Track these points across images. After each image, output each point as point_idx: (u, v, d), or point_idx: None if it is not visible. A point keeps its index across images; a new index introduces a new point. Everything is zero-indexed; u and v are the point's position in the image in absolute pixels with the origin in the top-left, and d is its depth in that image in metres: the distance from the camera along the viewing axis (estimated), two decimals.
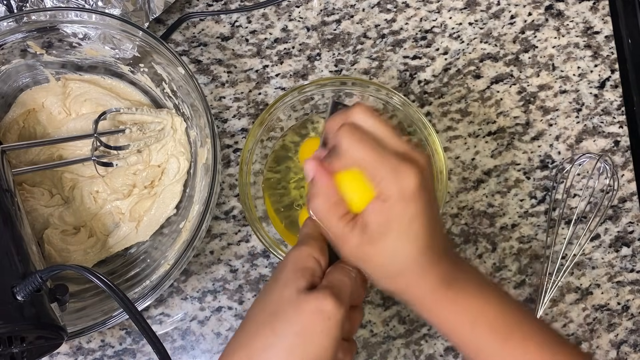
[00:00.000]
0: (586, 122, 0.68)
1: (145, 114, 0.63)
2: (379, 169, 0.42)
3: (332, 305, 0.41)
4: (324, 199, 0.45)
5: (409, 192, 0.42)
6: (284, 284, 0.44)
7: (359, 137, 0.43)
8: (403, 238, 0.43)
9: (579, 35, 0.70)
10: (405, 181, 0.42)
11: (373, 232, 0.43)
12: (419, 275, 0.44)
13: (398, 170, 0.42)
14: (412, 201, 0.42)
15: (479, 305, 0.45)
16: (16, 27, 0.59)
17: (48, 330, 0.46)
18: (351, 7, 0.70)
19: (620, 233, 0.66)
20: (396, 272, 0.45)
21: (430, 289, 0.44)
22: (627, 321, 0.64)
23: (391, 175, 0.42)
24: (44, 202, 0.62)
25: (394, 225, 0.43)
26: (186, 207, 0.62)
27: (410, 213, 0.42)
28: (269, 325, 0.42)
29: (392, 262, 0.44)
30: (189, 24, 0.69)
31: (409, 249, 0.43)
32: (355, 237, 0.44)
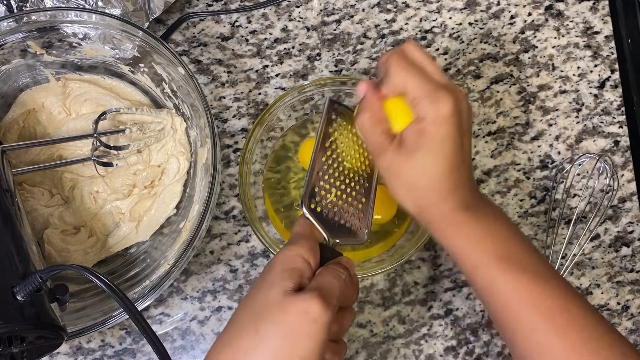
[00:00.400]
0: (586, 122, 0.68)
1: (145, 114, 0.63)
2: (419, 93, 0.46)
3: (318, 307, 0.41)
4: (370, 113, 0.49)
5: (443, 114, 0.46)
6: (271, 284, 0.44)
7: (405, 64, 0.48)
8: (433, 156, 0.46)
9: (579, 35, 0.70)
10: (440, 104, 0.46)
11: (408, 147, 0.47)
12: (442, 196, 0.48)
13: (436, 95, 0.46)
14: (445, 123, 0.46)
15: (489, 230, 0.48)
16: (16, 27, 0.59)
17: (48, 330, 0.46)
18: (351, 7, 0.70)
19: (620, 233, 0.66)
20: (422, 187, 0.48)
21: (450, 209, 0.48)
22: (627, 321, 0.64)
23: (429, 99, 0.46)
24: (44, 202, 0.62)
25: (426, 143, 0.46)
26: (186, 207, 0.62)
27: (442, 134, 0.46)
28: (253, 325, 0.42)
29: (420, 176, 0.47)
30: (189, 24, 0.69)
31: (436, 168, 0.47)
32: (391, 151, 0.48)
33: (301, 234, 0.48)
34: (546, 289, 0.46)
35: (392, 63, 0.48)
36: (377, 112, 0.49)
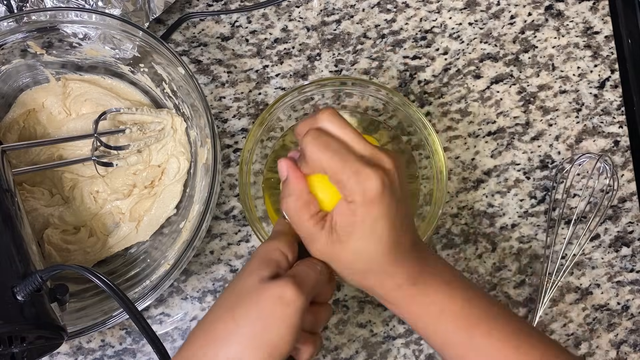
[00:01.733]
0: (586, 122, 0.68)
1: (145, 114, 0.63)
2: (342, 174, 0.44)
3: (292, 292, 0.42)
4: (295, 198, 0.47)
5: (371, 195, 0.43)
6: (249, 273, 0.45)
7: (323, 142, 0.45)
8: (367, 239, 0.44)
9: (579, 35, 0.70)
10: (367, 184, 0.43)
11: (339, 232, 0.45)
12: (385, 274, 0.46)
13: (360, 174, 0.43)
14: (375, 204, 0.44)
15: (444, 299, 0.46)
16: (16, 27, 0.59)
17: (48, 330, 0.46)
18: (351, 7, 0.70)
19: (620, 233, 0.66)
20: (362, 270, 0.46)
21: (396, 286, 0.46)
22: (627, 321, 0.64)
23: (354, 179, 0.44)
24: (44, 202, 0.62)
25: (358, 227, 0.44)
26: (186, 207, 0.62)
27: (374, 215, 0.44)
28: (230, 312, 0.43)
29: (357, 260, 0.46)
30: (189, 24, 0.69)
31: (373, 249, 0.45)
32: (323, 237, 0.46)
33: (281, 231, 0.49)
34: (522, 350, 0.46)
35: (308, 141, 0.45)
36: (302, 196, 0.47)
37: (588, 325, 0.64)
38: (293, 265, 0.47)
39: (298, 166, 0.48)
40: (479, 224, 0.66)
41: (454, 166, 0.67)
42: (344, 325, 0.63)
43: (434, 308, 0.46)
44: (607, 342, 0.64)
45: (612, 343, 0.64)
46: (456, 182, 0.66)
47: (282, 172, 0.48)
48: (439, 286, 0.47)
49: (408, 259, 0.46)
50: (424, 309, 0.47)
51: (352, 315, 0.63)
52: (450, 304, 0.46)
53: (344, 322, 0.63)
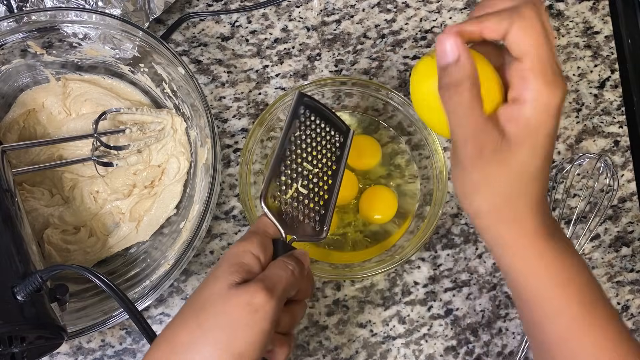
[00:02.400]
0: (586, 122, 0.68)
1: (145, 114, 0.63)
2: (540, 67, 0.38)
3: (261, 297, 0.41)
4: (469, 86, 0.39)
5: (555, 104, 0.38)
6: (216, 278, 0.44)
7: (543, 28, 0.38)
8: (535, 153, 0.39)
9: (579, 35, 0.70)
10: (556, 91, 0.38)
11: (510, 137, 0.39)
12: (528, 207, 0.40)
13: (554, 78, 0.38)
14: (554, 116, 0.38)
15: (575, 268, 0.41)
16: (16, 27, 0.59)
17: (48, 330, 0.46)
18: (351, 7, 0.70)
19: (620, 233, 0.66)
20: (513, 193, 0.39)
21: (533, 230, 0.40)
22: (627, 321, 0.64)
23: (545, 80, 0.38)
24: (44, 202, 0.62)
25: (531, 135, 0.38)
26: (186, 207, 0.62)
27: (549, 128, 0.38)
28: (195, 319, 0.42)
29: (516, 179, 0.39)
30: (189, 24, 0.69)
31: (535, 169, 0.39)
32: (494, 138, 0.39)
33: (254, 231, 0.48)
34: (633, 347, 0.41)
35: (537, 13, 0.38)
36: (477, 82, 0.39)
37: None
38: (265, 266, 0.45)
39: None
40: None
41: None
42: (344, 325, 0.63)
43: (565, 274, 0.41)
44: None
45: None
46: None
47: (449, 52, 0.39)
48: (571, 252, 0.42)
49: (544, 208, 0.41)
50: (554, 270, 0.41)
51: (352, 315, 0.63)
52: (579, 275, 0.41)
53: (344, 322, 0.63)
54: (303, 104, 0.55)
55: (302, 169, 0.53)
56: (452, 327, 0.63)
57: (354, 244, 0.63)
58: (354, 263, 0.61)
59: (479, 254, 0.65)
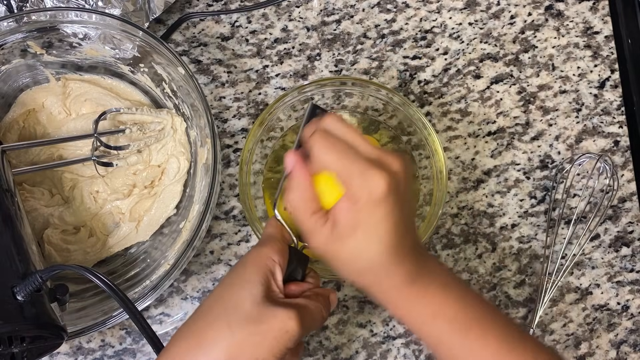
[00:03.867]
0: (586, 122, 0.68)
1: (145, 114, 0.63)
2: (349, 173, 0.44)
3: (294, 325, 0.44)
4: (299, 193, 0.47)
5: (377, 196, 0.43)
6: (244, 282, 0.45)
7: (330, 143, 0.45)
8: (369, 239, 0.44)
9: (579, 35, 0.70)
10: (373, 185, 0.43)
11: (341, 230, 0.45)
12: (384, 274, 0.46)
13: (366, 175, 0.44)
14: (379, 205, 0.44)
15: (441, 300, 0.47)
16: (16, 27, 0.59)
17: (48, 330, 0.46)
18: (351, 7, 0.70)
19: (620, 233, 0.66)
20: (361, 268, 0.46)
21: (394, 285, 0.46)
22: (626, 321, 0.64)
23: (360, 179, 0.44)
24: (44, 202, 0.62)
25: (361, 227, 0.44)
26: (186, 207, 0.62)
27: (378, 216, 0.44)
28: (225, 321, 0.44)
29: (357, 259, 0.46)
30: (189, 24, 0.69)
31: (373, 249, 0.45)
32: (324, 233, 0.46)
33: (272, 235, 0.50)
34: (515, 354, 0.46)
35: (316, 141, 0.46)
36: (306, 191, 0.47)
37: (588, 325, 0.64)
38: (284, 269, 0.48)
39: (304, 162, 0.48)
40: (479, 224, 0.66)
41: (454, 166, 0.67)
42: (344, 325, 0.63)
43: (429, 309, 0.47)
44: (607, 342, 0.64)
45: (612, 343, 0.64)
46: (456, 182, 0.66)
47: (287, 165, 0.48)
48: (436, 288, 0.47)
49: (407, 260, 0.46)
50: (420, 310, 0.47)
51: (352, 315, 0.63)
52: (445, 306, 0.47)
53: (344, 322, 0.63)
54: (316, 115, 0.55)
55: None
56: None
57: None
58: None
59: (479, 254, 0.65)
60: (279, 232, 0.50)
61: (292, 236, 0.51)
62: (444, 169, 0.60)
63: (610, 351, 0.64)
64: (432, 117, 0.68)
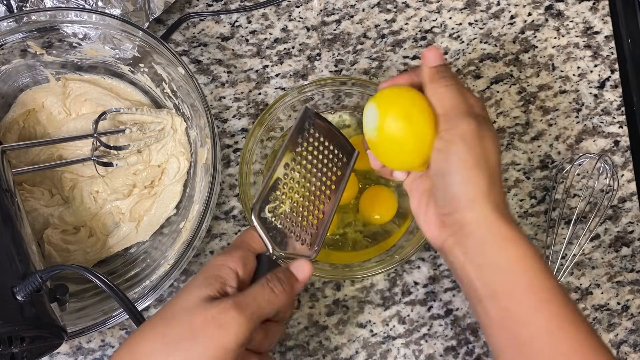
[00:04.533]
0: (586, 122, 0.68)
1: (145, 114, 0.63)
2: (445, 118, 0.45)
3: (229, 314, 0.41)
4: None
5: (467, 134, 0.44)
6: (189, 290, 0.44)
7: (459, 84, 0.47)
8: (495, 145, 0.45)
9: (579, 35, 0.70)
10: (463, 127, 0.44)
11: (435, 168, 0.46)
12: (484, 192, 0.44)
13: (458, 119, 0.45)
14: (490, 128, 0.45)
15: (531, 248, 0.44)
16: (16, 27, 0.59)
17: (48, 330, 0.46)
18: (351, 7, 0.70)
19: (620, 233, 0.66)
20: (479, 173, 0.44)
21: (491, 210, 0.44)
22: (627, 321, 0.64)
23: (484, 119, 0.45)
24: (44, 202, 0.62)
25: (452, 166, 0.44)
26: (186, 207, 0.62)
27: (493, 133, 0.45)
28: (161, 329, 0.42)
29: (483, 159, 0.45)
30: (189, 24, 0.69)
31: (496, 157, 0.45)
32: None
33: (236, 244, 0.48)
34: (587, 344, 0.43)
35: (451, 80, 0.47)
36: None
37: None
38: (244, 280, 0.45)
39: None
40: None
41: None
42: (344, 325, 0.63)
43: (515, 251, 0.43)
44: (607, 342, 0.64)
45: (612, 343, 0.64)
46: None
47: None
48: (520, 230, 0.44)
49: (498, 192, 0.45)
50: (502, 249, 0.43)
51: (352, 315, 0.63)
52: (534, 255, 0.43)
53: (344, 322, 0.63)
54: (309, 119, 0.53)
55: (300, 185, 0.52)
56: (452, 327, 0.63)
57: (354, 244, 0.63)
58: (354, 263, 0.61)
59: None
60: (246, 241, 0.48)
61: (267, 243, 0.48)
62: None
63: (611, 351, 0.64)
64: None
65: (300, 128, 0.53)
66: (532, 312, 0.43)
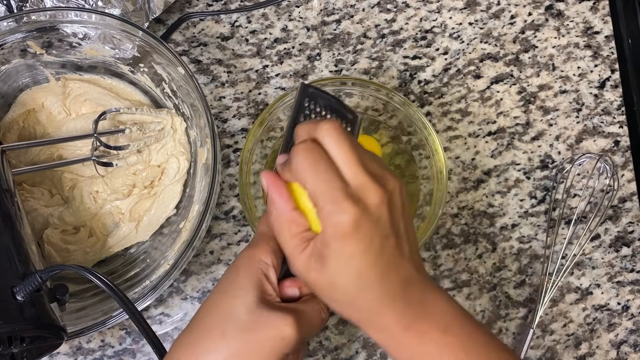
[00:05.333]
0: (586, 122, 0.68)
1: (145, 114, 0.63)
2: (320, 199, 0.40)
3: (291, 331, 0.42)
4: (276, 216, 0.43)
5: (343, 230, 0.40)
6: (236, 289, 0.44)
7: (313, 158, 0.41)
8: (343, 273, 0.41)
9: (579, 35, 0.70)
10: (339, 218, 0.39)
11: (315, 262, 0.42)
12: (374, 311, 0.42)
13: (335, 205, 0.40)
14: (347, 240, 0.40)
15: (440, 349, 0.43)
16: (16, 27, 0.59)
17: (48, 330, 0.46)
18: (351, 7, 0.70)
19: (620, 233, 0.66)
20: (345, 302, 0.43)
21: (386, 327, 0.42)
22: (627, 321, 0.64)
23: (328, 208, 0.40)
24: (44, 202, 0.62)
25: (331, 260, 0.41)
26: (186, 207, 0.62)
27: (348, 251, 0.40)
28: (220, 329, 0.43)
29: (337, 292, 0.42)
30: (189, 24, 0.69)
31: (351, 285, 0.41)
32: (301, 260, 0.42)
33: (264, 233, 0.46)
34: None
35: (297, 154, 0.41)
36: (284, 213, 0.43)
37: (588, 325, 0.64)
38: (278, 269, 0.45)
39: (280, 177, 0.44)
40: (479, 224, 0.66)
41: (454, 166, 0.67)
42: (344, 325, 0.63)
43: (429, 358, 0.43)
44: (607, 342, 0.64)
45: (612, 343, 0.64)
46: (456, 182, 0.66)
47: (263, 186, 0.44)
48: (435, 333, 0.43)
49: (399, 299, 0.42)
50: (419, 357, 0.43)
51: None
52: (445, 354, 0.43)
53: (344, 322, 0.63)
54: (307, 96, 0.51)
55: None
56: None
57: None
58: None
59: (479, 254, 0.65)
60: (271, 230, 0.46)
61: None
62: (444, 169, 0.60)
63: (611, 351, 0.64)
64: (432, 117, 0.68)
65: (300, 107, 0.50)
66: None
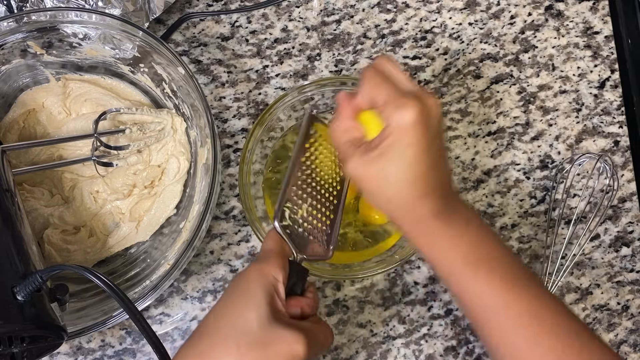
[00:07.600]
0: (586, 122, 0.68)
1: (145, 114, 0.63)
2: (386, 101, 0.46)
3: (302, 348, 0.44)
4: (340, 121, 0.49)
5: (406, 121, 0.45)
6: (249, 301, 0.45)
7: (376, 76, 0.48)
8: (395, 163, 0.46)
9: (579, 35, 0.70)
10: (404, 111, 0.45)
11: (372, 152, 0.47)
12: (408, 203, 0.47)
13: (400, 102, 0.46)
14: (407, 132, 0.45)
15: (459, 233, 0.48)
16: (16, 27, 0.59)
17: (48, 330, 0.46)
18: (351, 7, 0.70)
19: (620, 233, 0.66)
20: (390, 196, 0.48)
21: (418, 216, 0.48)
22: (627, 321, 0.64)
23: (393, 105, 0.46)
24: (44, 202, 0.62)
25: (389, 149, 0.46)
26: (186, 207, 0.62)
27: (405, 141, 0.45)
28: (234, 340, 0.44)
29: (384, 184, 0.47)
30: (189, 24, 0.69)
31: (400, 174, 0.46)
32: (356, 154, 0.48)
33: (272, 250, 0.50)
34: (516, 293, 0.46)
35: (364, 76, 0.49)
36: (347, 120, 0.49)
37: (588, 325, 0.64)
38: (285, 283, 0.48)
39: (351, 98, 0.50)
40: None
41: (454, 166, 0.67)
42: (344, 325, 0.63)
43: (446, 241, 0.48)
44: (607, 342, 0.64)
45: (612, 343, 0.64)
46: (456, 182, 0.66)
47: (337, 101, 0.50)
48: (457, 222, 0.48)
49: (434, 195, 0.47)
50: (438, 241, 0.48)
51: (352, 315, 0.63)
52: (462, 240, 0.48)
53: (344, 322, 0.63)
54: (313, 125, 0.56)
55: (312, 190, 0.54)
56: (452, 327, 0.63)
57: (354, 244, 0.63)
58: (354, 263, 0.61)
59: None
60: (278, 246, 0.50)
61: (292, 249, 0.51)
62: None
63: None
64: None
65: (306, 134, 0.55)
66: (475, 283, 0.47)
